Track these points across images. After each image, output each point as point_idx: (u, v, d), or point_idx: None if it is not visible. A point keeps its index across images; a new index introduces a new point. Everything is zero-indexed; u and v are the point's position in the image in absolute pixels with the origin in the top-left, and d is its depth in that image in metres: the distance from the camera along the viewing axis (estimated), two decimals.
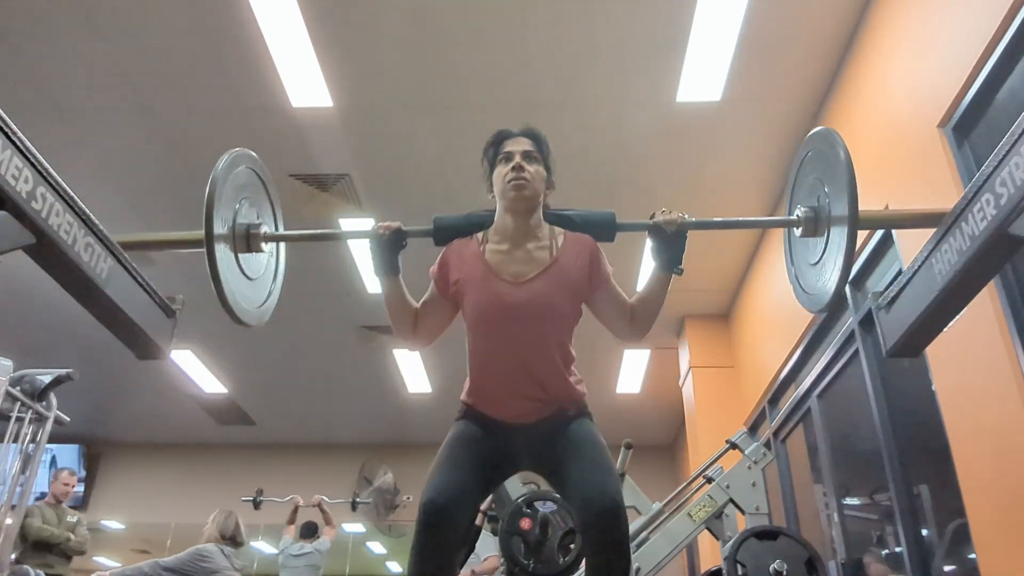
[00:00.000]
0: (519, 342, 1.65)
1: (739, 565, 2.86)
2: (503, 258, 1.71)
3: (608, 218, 1.80)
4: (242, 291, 1.83)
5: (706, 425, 6.02)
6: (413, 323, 1.77)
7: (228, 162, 1.78)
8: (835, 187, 1.70)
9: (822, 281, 1.77)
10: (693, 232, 1.75)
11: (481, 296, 1.68)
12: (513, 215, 1.72)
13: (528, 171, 1.71)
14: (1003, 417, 2.46)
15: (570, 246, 1.74)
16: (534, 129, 1.84)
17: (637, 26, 3.67)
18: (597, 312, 1.79)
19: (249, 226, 1.85)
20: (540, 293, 1.66)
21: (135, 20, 3.67)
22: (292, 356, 7.04)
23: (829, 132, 1.78)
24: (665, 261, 1.71)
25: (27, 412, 3.55)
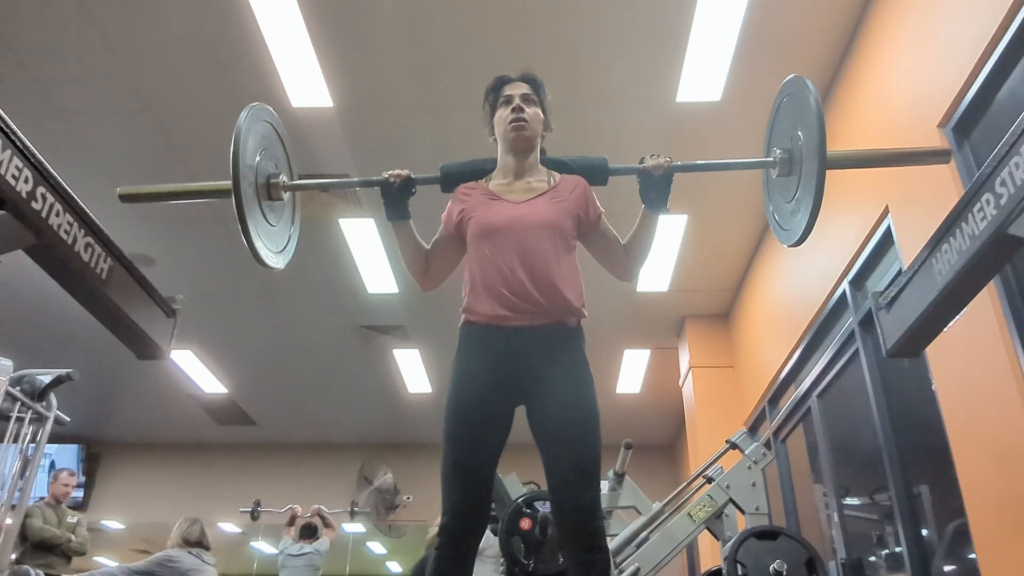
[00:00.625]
0: (521, 241, 1.74)
1: (739, 565, 2.86)
2: (505, 188, 1.87)
3: (601, 163, 1.98)
4: (266, 237, 1.93)
5: (706, 425, 6.02)
6: (425, 263, 1.91)
7: (249, 116, 1.89)
8: (807, 129, 1.81)
9: (796, 216, 1.88)
10: (693, 233, 1.77)
11: (485, 213, 1.81)
12: (514, 154, 1.87)
13: (527, 112, 1.87)
14: (1003, 417, 2.46)
15: (566, 183, 1.89)
16: (532, 74, 2.00)
17: (637, 26, 3.67)
18: (593, 248, 1.91)
19: (270, 176, 1.95)
20: (539, 207, 1.80)
21: (135, 21, 3.67)
22: (292, 356, 7.04)
23: (800, 79, 1.92)
24: (653, 200, 1.84)
25: (27, 412, 3.55)
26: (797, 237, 1.86)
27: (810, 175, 1.76)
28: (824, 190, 1.72)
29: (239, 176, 1.79)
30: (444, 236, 1.92)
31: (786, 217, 1.97)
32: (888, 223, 3.33)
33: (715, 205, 4.93)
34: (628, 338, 6.67)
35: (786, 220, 1.98)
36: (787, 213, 1.96)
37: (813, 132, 1.76)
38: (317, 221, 5.10)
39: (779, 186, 2.01)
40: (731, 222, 5.12)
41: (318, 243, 5.32)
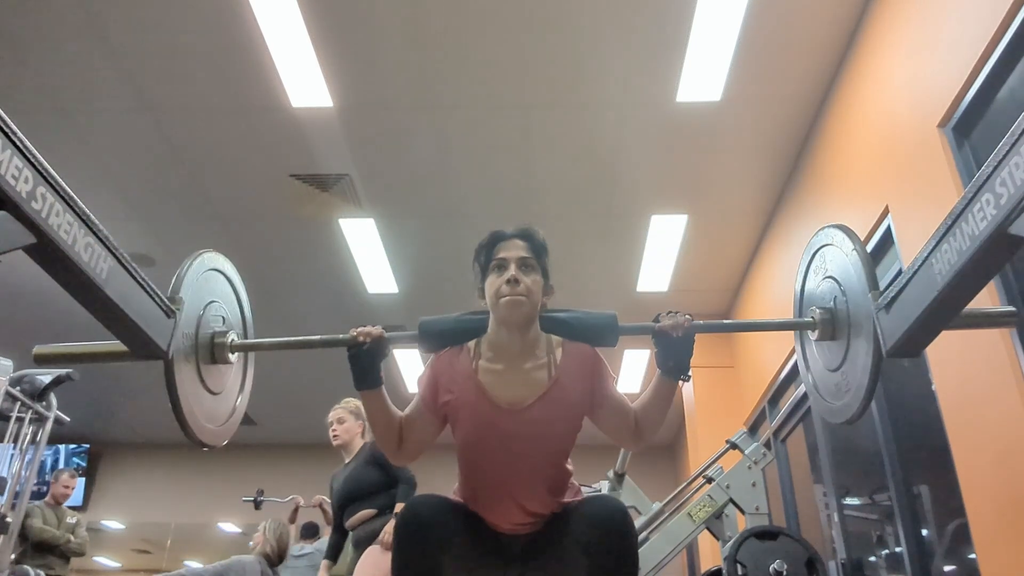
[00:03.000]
0: (512, 474, 1.59)
1: (739, 565, 2.86)
2: (497, 380, 1.58)
3: (609, 322, 1.67)
4: (205, 409, 1.67)
5: (706, 425, 6.02)
6: (399, 437, 1.64)
7: (192, 267, 1.65)
8: (853, 288, 1.59)
9: (847, 396, 1.64)
10: (693, 233, 1.74)
11: (474, 423, 1.58)
12: (508, 330, 1.59)
13: (524, 283, 1.56)
14: (1003, 417, 2.46)
15: (570, 361, 1.62)
16: (529, 229, 1.66)
17: (637, 26, 3.67)
18: (599, 424, 1.66)
19: (214, 335, 1.70)
20: (538, 421, 1.56)
21: (135, 20, 3.67)
22: (292, 356, 7.03)
23: (843, 229, 1.67)
24: (671, 368, 1.60)
25: (27, 412, 3.55)
26: (847, 419, 1.62)
27: (863, 348, 1.52)
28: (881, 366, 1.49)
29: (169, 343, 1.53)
30: (422, 412, 1.64)
31: (831, 390, 1.72)
32: (888, 223, 3.33)
33: (715, 205, 4.94)
34: (628, 338, 6.65)
35: (831, 393, 1.72)
36: (831, 385, 1.71)
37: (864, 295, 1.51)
38: (317, 221, 5.10)
39: (820, 350, 1.77)
40: (731, 222, 5.12)
41: (318, 243, 5.32)
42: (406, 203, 4.92)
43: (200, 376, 1.66)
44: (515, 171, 4.60)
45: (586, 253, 5.30)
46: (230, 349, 1.71)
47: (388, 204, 4.93)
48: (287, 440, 9.31)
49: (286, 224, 5.10)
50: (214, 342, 1.69)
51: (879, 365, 1.53)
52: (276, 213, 4.99)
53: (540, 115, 4.24)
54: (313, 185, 4.78)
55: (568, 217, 4.92)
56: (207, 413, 1.68)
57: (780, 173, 4.65)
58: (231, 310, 1.82)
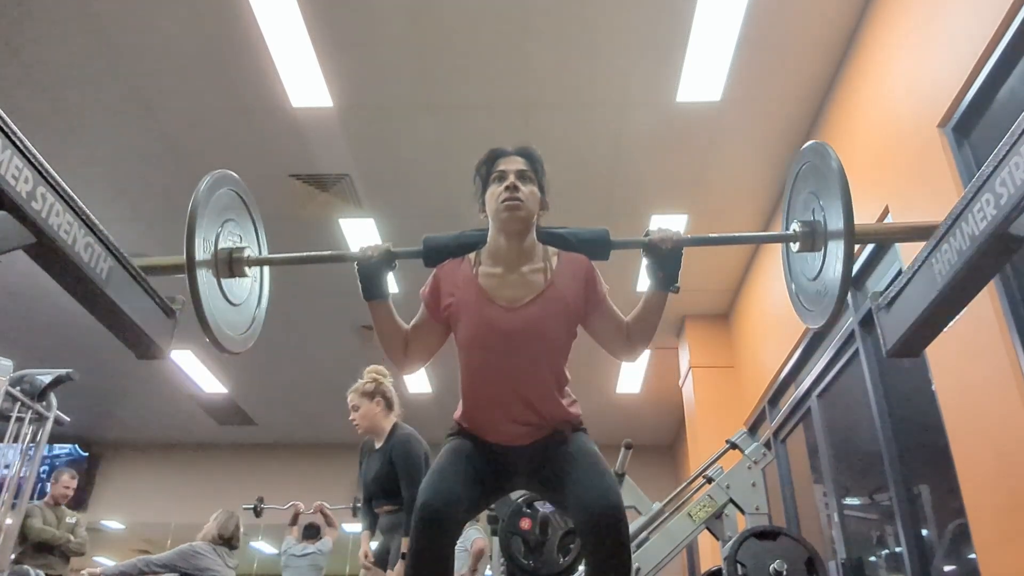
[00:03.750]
0: (513, 369, 1.63)
1: (739, 565, 2.86)
2: (497, 282, 1.67)
3: (602, 236, 1.76)
4: (226, 317, 1.76)
5: (706, 425, 6.02)
6: (404, 347, 1.74)
7: (209, 184, 1.73)
8: (829, 201, 1.68)
9: (821, 297, 1.74)
10: (693, 233, 1.74)
11: (474, 322, 1.65)
12: (507, 236, 1.67)
13: (522, 191, 1.66)
14: (1003, 417, 2.46)
15: (565, 267, 1.70)
16: (528, 148, 1.76)
17: (637, 26, 3.67)
18: (593, 332, 1.75)
19: (232, 250, 1.79)
20: (535, 319, 1.63)
21: (135, 21, 3.67)
22: (292, 356, 7.04)
23: (821, 145, 1.76)
24: (661, 279, 1.65)
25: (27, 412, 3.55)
26: (823, 322, 1.73)
27: (836, 255, 1.62)
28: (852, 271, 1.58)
29: (193, 253, 1.62)
30: (426, 320, 1.74)
31: (811, 297, 1.82)
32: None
33: (715, 205, 4.94)
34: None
35: (811, 300, 1.83)
36: (811, 293, 1.81)
37: (838, 208, 1.61)
38: (317, 221, 5.10)
39: (801, 261, 1.87)
40: (731, 222, 5.12)
41: (318, 243, 5.32)
42: (406, 203, 4.92)
43: (220, 287, 1.76)
44: None
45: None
46: (247, 263, 1.81)
47: (388, 204, 4.93)
48: (287, 440, 9.32)
49: (286, 224, 5.10)
50: (232, 257, 1.78)
51: (851, 268, 1.61)
52: (276, 213, 4.99)
53: (540, 115, 4.24)
54: (313, 185, 4.78)
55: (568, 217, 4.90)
56: (228, 322, 1.78)
57: (780, 173, 4.65)
58: (246, 228, 1.92)
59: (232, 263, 1.78)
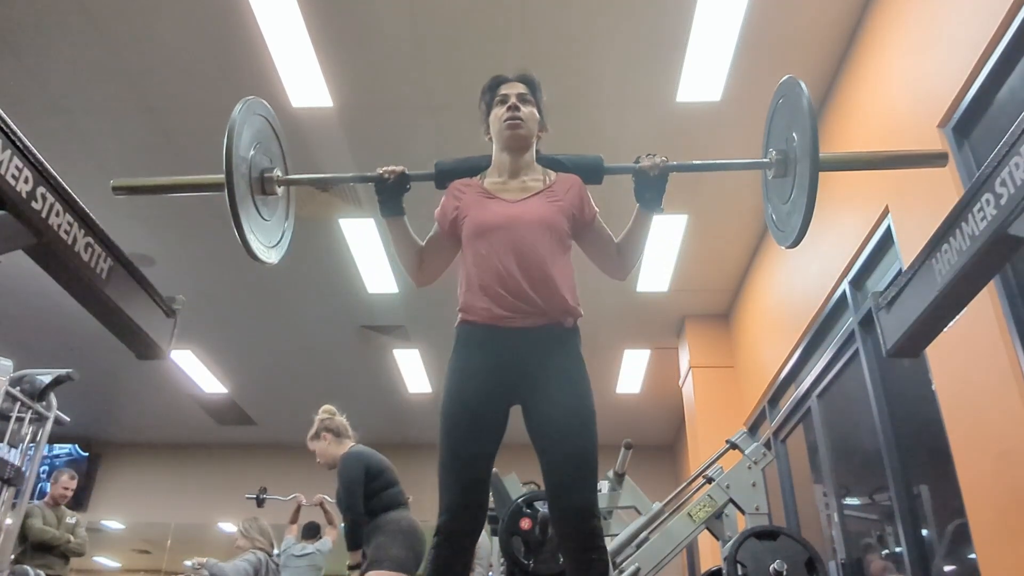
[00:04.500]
0: (516, 245, 1.73)
1: (739, 565, 2.86)
2: (500, 186, 1.86)
3: (596, 161, 1.97)
4: (259, 231, 1.93)
5: (706, 425, 6.02)
6: (419, 260, 1.91)
7: (244, 109, 1.90)
8: (800, 130, 1.82)
9: (790, 217, 1.89)
10: (693, 233, 1.77)
11: (480, 213, 1.80)
12: (509, 152, 1.87)
13: (523, 111, 1.86)
14: (1003, 417, 2.46)
15: (561, 182, 1.88)
16: (528, 73, 1.98)
17: (637, 26, 3.67)
18: (586, 246, 1.91)
19: (264, 170, 1.96)
20: (535, 207, 1.79)
21: (135, 21, 3.67)
22: (292, 356, 7.04)
23: (794, 80, 1.90)
24: (648, 200, 1.85)
25: (27, 412, 3.55)
26: (793, 239, 1.86)
27: (803, 176, 1.77)
28: (817, 191, 1.73)
29: (232, 169, 1.81)
30: (438, 233, 1.92)
31: (783, 218, 1.98)
32: (888, 223, 3.33)
33: (715, 205, 4.93)
34: (628, 338, 6.67)
35: (783, 221, 1.98)
36: (784, 214, 1.97)
37: (806, 133, 1.77)
38: (317, 221, 5.10)
39: (776, 187, 2.02)
40: (731, 222, 5.12)
41: (318, 243, 5.32)
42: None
43: (255, 203, 1.92)
44: None
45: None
46: (277, 183, 1.97)
47: None
48: (287, 440, 9.28)
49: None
50: (264, 176, 1.95)
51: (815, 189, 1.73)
52: None
53: None
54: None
55: None
56: (263, 232, 1.94)
57: None
58: (273, 152, 2.07)
59: (264, 182, 1.95)
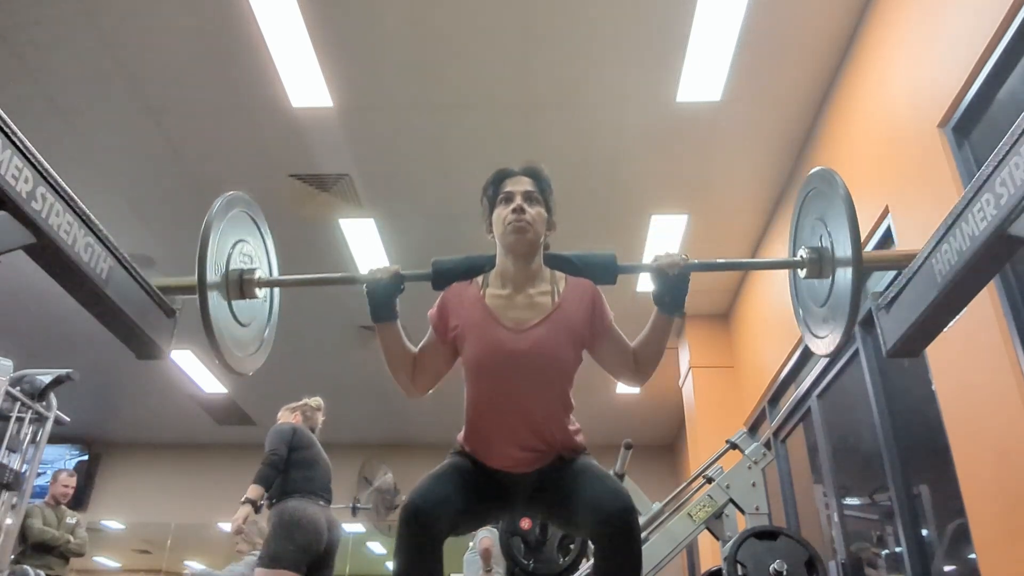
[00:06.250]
0: (519, 391, 1.62)
1: (739, 565, 2.86)
2: (504, 303, 1.67)
3: (608, 260, 1.77)
4: (235, 338, 1.78)
5: (706, 425, 6.02)
6: (412, 371, 1.72)
7: (222, 206, 1.74)
8: (837, 227, 1.67)
9: (828, 324, 1.74)
10: (693, 233, 1.75)
11: (481, 343, 1.64)
12: (514, 258, 1.68)
13: (529, 213, 1.66)
14: (1003, 417, 2.46)
15: (572, 291, 1.70)
16: (535, 167, 1.76)
17: (637, 26, 3.67)
18: (599, 359, 1.75)
19: (243, 272, 1.80)
20: (542, 341, 1.62)
21: (135, 20, 3.67)
22: (292, 356, 7.04)
23: (828, 171, 1.75)
24: (667, 304, 1.66)
25: (27, 412, 3.55)
26: (832, 349, 1.72)
27: (844, 283, 1.61)
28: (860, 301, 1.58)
29: (204, 275, 1.63)
30: (434, 342, 1.72)
31: (818, 324, 1.82)
32: (888, 223, 3.33)
33: (715, 205, 4.93)
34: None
35: (818, 326, 1.82)
36: (819, 319, 1.80)
37: (845, 234, 1.60)
38: (317, 221, 5.10)
39: (808, 288, 1.87)
40: (731, 222, 5.12)
41: (318, 243, 5.32)
42: (406, 203, 4.92)
43: (231, 309, 1.77)
44: None
45: None
46: (257, 285, 1.82)
47: (388, 204, 4.93)
48: None
49: (286, 224, 5.10)
50: (243, 278, 1.80)
51: (859, 299, 1.60)
52: (276, 213, 4.98)
53: (540, 115, 4.24)
54: (313, 185, 4.78)
55: (568, 217, 4.90)
56: (238, 342, 1.80)
57: (780, 173, 4.65)
58: (257, 249, 1.93)
59: (243, 284, 1.80)
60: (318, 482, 3.49)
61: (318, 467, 3.55)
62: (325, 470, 3.59)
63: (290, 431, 3.62)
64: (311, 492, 3.41)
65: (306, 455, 3.53)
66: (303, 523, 3.26)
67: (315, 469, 3.52)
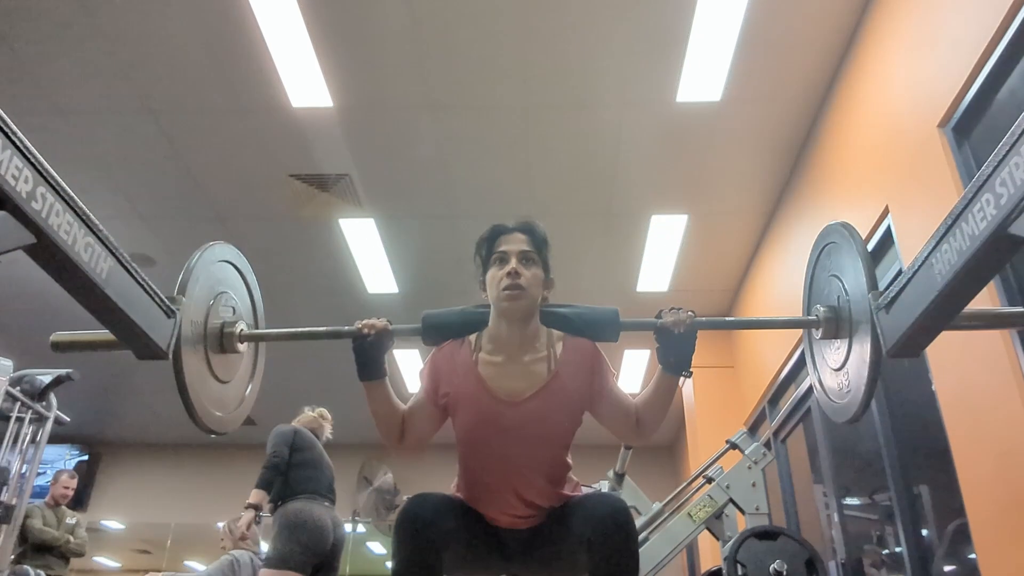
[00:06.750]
0: (511, 467, 1.58)
1: (739, 565, 2.86)
2: (497, 372, 1.59)
3: (610, 317, 1.65)
4: (214, 397, 1.69)
5: (706, 425, 6.02)
6: (401, 430, 1.66)
7: (202, 257, 1.66)
8: (855, 287, 1.60)
9: (844, 392, 1.66)
10: (693, 233, 1.74)
11: (473, 415, 1.58)
12: (508, 323, 1.60)
13: (524, 276, 1.57)
14: (1003, 417, 2.46)
15: (570, 355, 1.62)
16: (531, 223, 1.67)
17: (637, 26, 3.67)
18: (600, 420, 1.67)
19: (224, 325, 1.71)
20: (537, 414, 1.56)
21: (135, 20, 3.67)
22: (292, 356, 7.04)
23: (846, 226, 1.67)
24: (672, 364, 1.57)
25: (27, 412, 3.55)
26: (850, 416, 1.63)
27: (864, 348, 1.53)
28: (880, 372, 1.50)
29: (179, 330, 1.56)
30: (424, 404, 1.66)
31: (835, 389, 1.72)
32: (888, 223, 3.33)
33: (715, 205, 4.94)
34: (628, 338, 6.63)
35: (835, 392, 1.72)
36: (835, 384, 1.71)
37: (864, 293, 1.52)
38: (317, 221, 5.10)
39: (825, 349, 1.78)
40: (731, 222, 5.12)
41: (318, 243, 5.32)
42: (406, 203, 4.92)
43: (209, 365, 1.67)
44: (515, 171, 4.60)
45: (586, 253, 5.29)
46: (239, 339, 1.73)
47: (388, 204, 4.93)
48: None
49: (286, 224, 5.10)
50: (223, 332, 1.71)
51: (878, 366, 1.54)
52: (276, 213, 4.99)
53: (540, 115, 4.24)
54: (313, 185, 4.78)
55: (568, 217, 4.92)
56: (215, 401, 1.69)
57: (780, 173, 4.65)
58: (241, 301, 1.84)
59: (223, 338, 1.71)
60: (321, 483, 3.52)
61: (321, 468, 3.59)
62: (328, 471, 3.62)
63: (291, 432, 3.66)
64: (315, 493, 3.44)
65: (308, 456, 3.55)
66: (308, 523, 3.29)
67: (318, 470, 3.56)
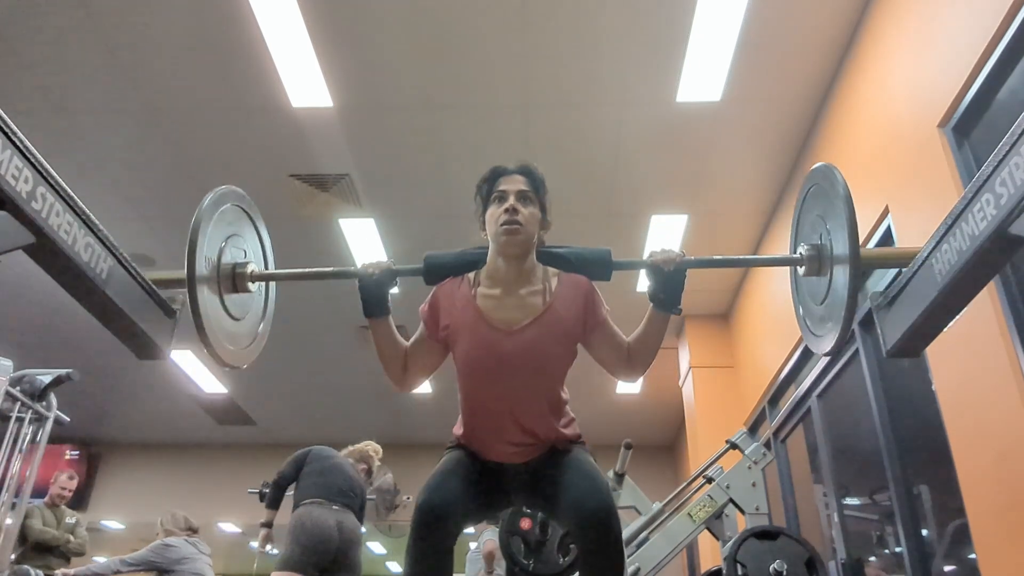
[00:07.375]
0: (508, 392, 1.63)
1: (739, 565, 2.86)
2: (495, 304, 1.66)
3: (603, 256, 1.73)
4: (227, 332, 1.77)
5: (706, 425, 6.02)
6: (403, 365, 1.72)
7: (213, 200, 1.72)
8: (836, 225, 1.65)
9: (825, 323, 1.72)
10: (693, 233, 1.74)
11: (472, 344, 1.64)
12: (505, 259, 1.66)
13: (522, 213, 1.64)
14: (1003, 417, 2.46)
15: (564, 289, 1.69)
16: (529, 166, 1.74)
17: (637, 26, 3.67)
18: (593, 353, 1.74)
19: (235, 265, 1.80)
20: (532, 342, 1.62)
21: (135, 20, 3.67)
22: (292, 356, 7.04)
23: (828, 168, 1.73)
24: (662, 301, 1.63)
25: (27, 412, 3.55)
26: (829, 347, 1.70)
27: (842, 281, 1.60)
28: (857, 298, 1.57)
29: (194, 268, 1.62)
30: (425, 338, 1.73)
31: (816, 322, 1.80)
32: (888, 223, 3.33)
33: (715, 205, 4.94)
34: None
35: (816, 325, 1.80)
36: (816, 318, 1.79)
37: (843, 230, 1.59)
38: (317, 221, 5.10)
39: (808, 286, 1.84)
40: (731, 222, 5.12)
41: (318, 243, 5.32)
42: (406, 203, 4.92)
43: (223, 302, 1.76)
44: None
45: None
46: (250, 279, 1.82)
47: (388, 204, 4.93)
48: (287, 440, 9.29)
49: (286, 224, 5.10)
50: (235, 272, 1.79)
51: (855, 297, 1.58)
52: (276, 213, 4.98)
53: (540, 115, 4.24)
54: (313, 185, 4.78)
55: (568, 217, 4.91)
56: (230, 336, 1.78)
57: (780, 173, 4.65)
58: (251, 243, 1.91)
59: (235, 278, 1.79)
60: (331, 488, 3.65)
61: (332, 474, 3.71)
62: (341, 476, 3.76)
63: (304, 453, 3.86)
64: (321, 496, 3.59)
65: (319, 466, 3.71)
66: (307, 526, 3.44)
67: (327, 475, 3.69)
